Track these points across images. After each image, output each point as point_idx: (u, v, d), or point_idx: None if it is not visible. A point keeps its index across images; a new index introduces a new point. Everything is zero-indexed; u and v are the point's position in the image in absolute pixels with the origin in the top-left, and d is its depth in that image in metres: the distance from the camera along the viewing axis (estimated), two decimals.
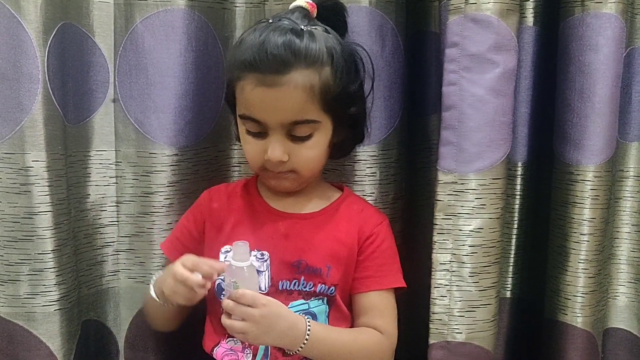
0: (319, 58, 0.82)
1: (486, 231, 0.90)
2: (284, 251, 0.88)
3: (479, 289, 0.90)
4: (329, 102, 0.83)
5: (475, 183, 0.89)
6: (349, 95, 0.86)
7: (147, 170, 1.00)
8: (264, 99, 0.81)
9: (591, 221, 0.95)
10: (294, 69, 0.80)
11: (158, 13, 0.97)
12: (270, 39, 0.80)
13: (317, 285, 0.87)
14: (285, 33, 0.81)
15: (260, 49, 0.80)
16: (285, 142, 0.84)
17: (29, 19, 0.87)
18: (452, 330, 0.91)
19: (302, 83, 0.81)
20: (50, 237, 0.91)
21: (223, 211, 0.93)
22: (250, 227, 0.91)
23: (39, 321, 0.91)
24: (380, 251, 0.90)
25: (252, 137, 0.86)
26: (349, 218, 0.91)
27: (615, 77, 0.92)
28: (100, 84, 0.99)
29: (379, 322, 0.89)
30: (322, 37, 0.83)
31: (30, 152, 0.89)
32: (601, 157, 0.94)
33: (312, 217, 0.91)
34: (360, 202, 0.96)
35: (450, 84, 0.88)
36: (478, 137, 0.88)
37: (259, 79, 0.81)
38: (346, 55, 0.86)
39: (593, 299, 0.97)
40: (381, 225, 0.92)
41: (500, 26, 0.86)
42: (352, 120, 0.89)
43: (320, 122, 0.84)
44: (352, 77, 0.86)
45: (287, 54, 0.80)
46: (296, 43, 0.80)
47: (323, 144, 0.86)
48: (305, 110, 0.82)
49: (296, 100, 0.81)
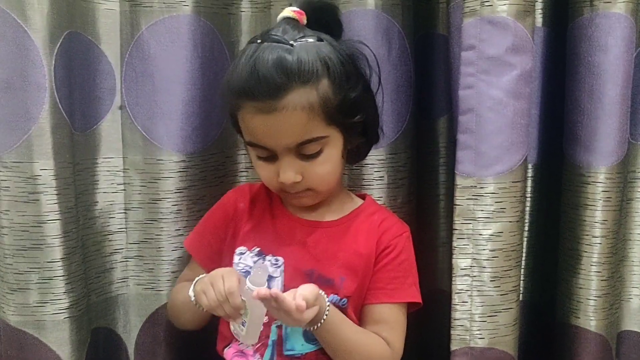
0: (314, 73, 0.79)
1: (506, 235, 0.88)
2: (299, 259, 0.87)
3: (500, 293, 0.89)
4: (331, 114, 0.81)
5: (494, 187, 0.88)
6: (351, 103, 0.83)
7: (154, 177, 0.99)
8: (265, 126, 0.80)
9: (603, 223, 0.94)
10: (289, 90, 0.78)
11: (163, 19, 0.97)
12: (260, 63, 0.78)
13: (329, 296, 0.85)
14: (275, 53, 0.78)
15: (251, 75, 0.78)
16: (296, 163, 0.82)
17: (35, 28, 0.87)
18: (474, 336, 0.89)
19: (301, 103, 0.78)
20: (59, 245, 0.91)
21: (245, 212, 0.92)
22: (268, 231, 0.90)
23: (48, 329, 0.91)
24: (396, 264, 0.88)
25: (263, 162, 0.85)
26: (368, 229, 0.90)
27: (626, 78, 0.91)
28: (107, 91, 1.00)
29: (386, 335, 0.87)
30: (314, 49, 0.80)
31: (38, 160, 0.89)
32: (612, 158, 0.93)
33: (330, 226, 0.90)
34: (382, 212, 0.94)
35: (467, 87, 0.87)
36: (498, 140, 0.87)
37: (256, 107, 0.79)
38: (344, 60, 0.83)
39: (606, 302, 0.96)
40: (400, 237, 0.90)
41: (517, 28, 0.85)
42: (362, 125, 0.87)
43: (328, 136, 0.82)
44: (353, 82, 0.83)
45: (280, 77, 0.77)
46: (288, 62, 0.78)
47: (336, 156, 0.85)
48: (310, 129, 0.80)
49: (298, 122, 0.79)
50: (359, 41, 0.90)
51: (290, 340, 0.87)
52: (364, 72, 0.88)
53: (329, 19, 0.89)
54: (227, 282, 0.79)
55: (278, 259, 0.87)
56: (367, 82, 0.88)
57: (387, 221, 0.91)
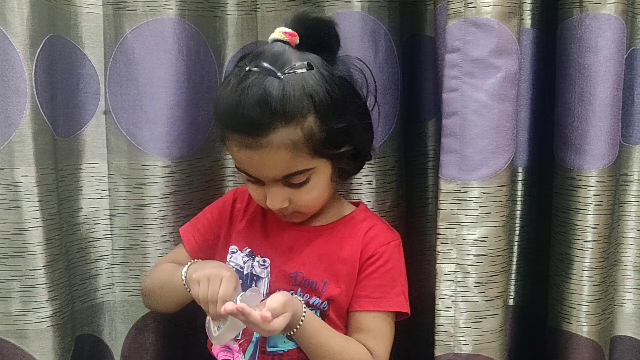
0: (299, 110, 0.78)
1: (491, 240, 0.87)
2: (285, 261, 0.88)
3: (485, 299, 0.88)
4: (317, 148, 0.80)
5: (478, 191, 0.86)
6: (339, 134, 0.81)
7: (139, 182, 0.99)
8: (250, 160, 0.80)
9: (595, 227, 0.92)
10: (272, 129, 0.77)
11: (147, 23, 0.96)
12: (245, 99, 0.77)
13: (312, 298, 0.86)
14: (260, 88, 0.77)
15: (236, 110, 0.77)
16: (283, 190, 0.83)
17: (15, 33, 0.86)
18: (458, 342, 0.88)
19: (284, 142, 0.78)
20: (42, 252, 0.90)
21: (241, 212, 0.93)
22: (259, 233, 0.91)
23: (31, 338, 0.90)
24: (382, 272, 0.87)
25: (252, 184, 0.85)
26: (354, 236, 0.89)
27: (616, 80, 0.89)
28: (91, 96, 0.99)
29: (370, 344, 0.86)
30: (301, 82, 0.78)
31: (19, 167, 0.88)
32: (603, 161, 0.91)
33: (317, 231, 0.90)
34: (372, 219, 0.92)
35: (452, 90, 0.86)
36: (483, 143, 0.86)
37: (241, 142, 0.79)
38: (332, 90, 0.80)
39: (598, 307, 0.94)
40: (388, 245, 0.89)
41: (502, 29, 0.84)
42: (352, 151, 0.85)
43: (314, 167, 0.82)
44: (340, 112, 0.81)
45: (264, 116, 0.76)
46: (272, 99, 0.76)
47: (323, 182, 0.84)
48: (294, 164, 0.80)
49: (281, 159, 0.79)
50: (356, 58, 0.88)
51: (273, 338, 0.87)
52: (358, 95, 0.86)
53: (324, 36, 0.85)
54: (223, 287, 0.79)
55: (265, 260, 0.88)
56: (359, 107, 0.86)
57: (375, 229, 0.90)
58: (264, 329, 0.76)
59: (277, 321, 0.76)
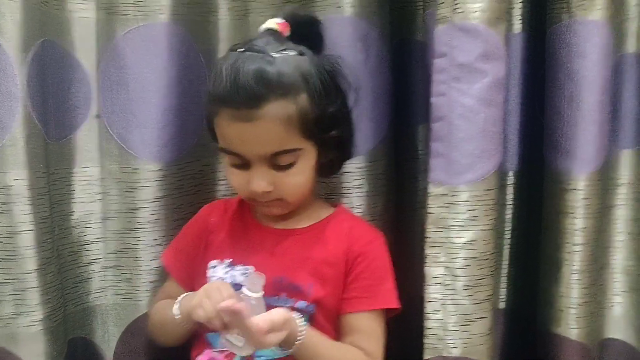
0: (294, 86, 0.80)
1: (479, 243, 0.88)
2: (268, 267, 0.87)
3: (473, 302, 0.88)
4: (308, 128, 0.82)
5: (466, 195, 0.87)
6: (329, 118, 0.84)
7: (131, 186, 0.99)
8: (241, 134, 0.81)
9: (583, 231, 0.93)
10: (268, 101, 0.79)
11: (139, 27, 0.96)
12: (241, 72, 0.78)
13: (298, 302, 0.86)
14: (256, 63, 0.79)
15: (232, 84, 0.79)
16: (269, 172, 0.83)
17: (6, 37, 0.86)
18: (447, 345, 0.88)
19: (278, 115, 0.79)
20: (33, 256, 0.89)
21: (218, 225, 0.93)
22: (240, 242, 0.91)
23: (22, 342, 0.90)
24: (370, 271, 0.88)
25: (235, 169, 0.85)
26: (337, 236, 0.90)
27: (604, 84, 0.90)
28: (83, 100, 0.99)
29: (364, 345, 0.87)
30: (295, 62, 0.81)
31: (10, 170, 0.88)
32: (592, 165, 0.92)
33: (299, 234, 0.90)
34: (352, 219, 0.94)
35: (440, 95, 0.87)
36: (469, 148, 0.86)
37: (234, 115, 0.80)
38: (324, 76, 0.84)
39: (587, 310, 0.95)
40: (371, 244, 0.90)
41: (489, 34, 0.85)
42: (336, 141, 0.87)
43: (302, 148, 0.83)
44: (331, 98, 0.84)
45: (260, 87, 0.78)
46: (268, 73, 0.78)
47: (308, 169, 0.85)
48: (285, 141, 0.81)
49: (274, 133, 0.80)
50: (339, 56, 0.90)
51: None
52: (343, 89, 0.88)
53: (312, 33, 0.89)
54: (224, 291, 0.80)
55: (247, 268, 0.88)
56: (345, 99, 0.88)
57: (357, 229, 0.91)
58: (255, 338, 0.75)
59: (271, 336, 0.76)
